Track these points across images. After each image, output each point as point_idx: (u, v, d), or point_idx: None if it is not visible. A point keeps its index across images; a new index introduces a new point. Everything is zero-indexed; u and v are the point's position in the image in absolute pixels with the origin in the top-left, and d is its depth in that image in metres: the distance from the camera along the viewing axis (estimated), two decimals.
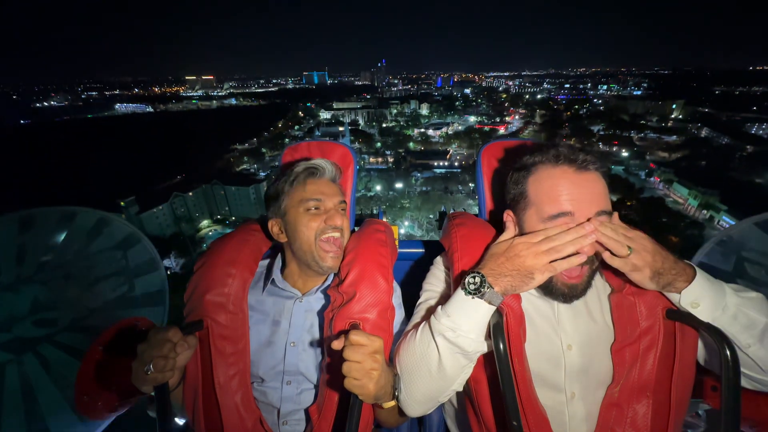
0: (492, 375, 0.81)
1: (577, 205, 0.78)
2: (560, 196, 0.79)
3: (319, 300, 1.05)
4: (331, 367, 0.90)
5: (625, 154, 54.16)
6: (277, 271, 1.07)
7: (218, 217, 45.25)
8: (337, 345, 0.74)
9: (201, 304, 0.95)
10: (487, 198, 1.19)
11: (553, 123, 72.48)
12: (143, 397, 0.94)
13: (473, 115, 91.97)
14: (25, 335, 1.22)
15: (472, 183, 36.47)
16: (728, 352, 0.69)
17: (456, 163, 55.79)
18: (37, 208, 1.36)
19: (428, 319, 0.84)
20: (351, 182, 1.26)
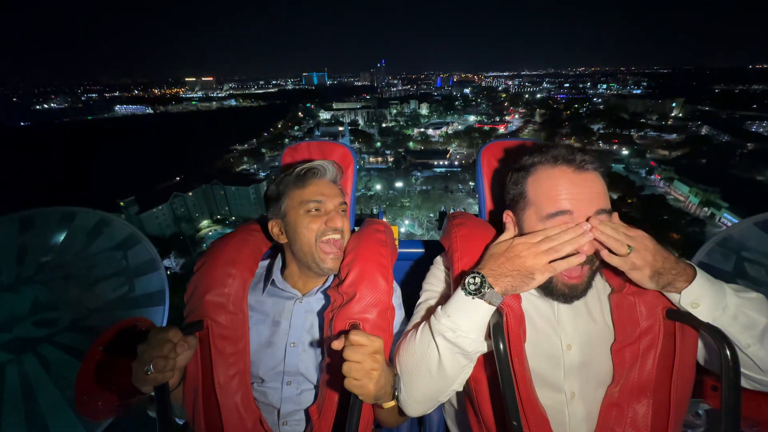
0: (492, 375, 0.81)
1: (576, 204, 0.78)
2: (559, 196, 0.79)
3: (319, 301, 1.05)
4: (331, 368, 0.90)
5: (626, 153, 54.09)
6: (277, 272, 1.07)
7: (218, 217, 45.21)
8: (337, 345, 0.74)
9: (201, 305, 0.95)
10: (487, 198, 1.19)
11: (553, 122, 72.40)
12: (143, 397, 0.94)
13: (473, 115, 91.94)
14: (26, 335, 1.22)
15: (473, 182, 36.43)
16: (728, 352, 0.68)
17: (456, 163, 55.75)
18: (38, 209, 1.36)
19: (428, 319, 0.84)
20: (351, 182, 1.26)
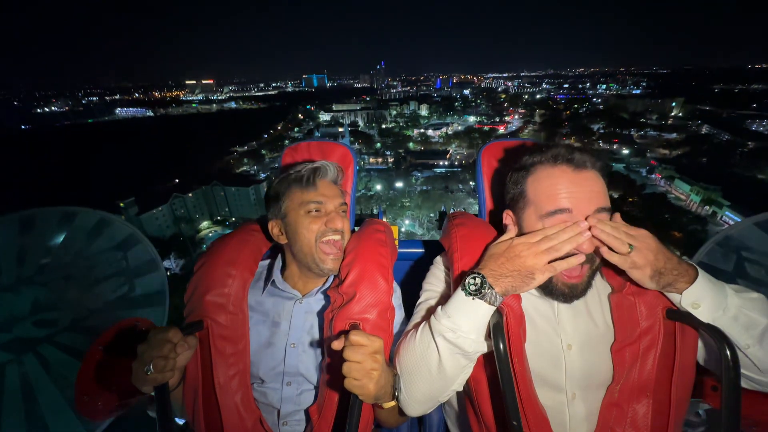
0: (492, 375, 0.81)
1: (575, 203, 0.78)
2: (558, 194, 0.79)
3: (319, 301, 1.04)
4: (331, 368, 0.90)
5: (626, 152, 54.07)
6: (278, 272, 1.07)
7: (218, 218, 45.21)
8: (337, 345, 0.74)
9: (201, 305, 0.95)
10: (487, 198, 1.19)
11: (553, 122, 72.42)
12: (143, 397, 0.94)
13: (473, 116, 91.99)
14: (26, 336, 1.22)
15: (473, 182, 36.42)
16: (728, 352, 0.68)
17: (456, 163, 55.77)
18: (38, 209, 1.36)
19: (428, 319, 0.83)
20: (351, 182, 1.26)
